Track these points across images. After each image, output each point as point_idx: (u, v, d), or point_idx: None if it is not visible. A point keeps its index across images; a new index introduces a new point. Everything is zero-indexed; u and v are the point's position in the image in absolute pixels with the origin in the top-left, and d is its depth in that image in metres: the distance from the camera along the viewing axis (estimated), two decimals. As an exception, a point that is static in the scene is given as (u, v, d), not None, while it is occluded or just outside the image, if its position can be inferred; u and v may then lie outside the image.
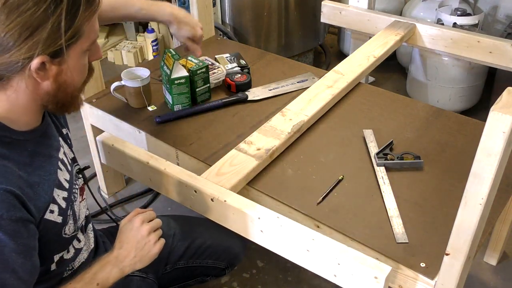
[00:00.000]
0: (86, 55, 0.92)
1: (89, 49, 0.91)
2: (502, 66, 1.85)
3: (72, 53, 0.86)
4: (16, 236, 0.84)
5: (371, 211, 1.23)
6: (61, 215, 0.98)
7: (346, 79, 1.67)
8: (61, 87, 0.89)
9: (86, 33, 0.87)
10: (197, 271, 1.43)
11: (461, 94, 2.52)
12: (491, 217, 1.11)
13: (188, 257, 1.40)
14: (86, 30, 0.86)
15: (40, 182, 0.92)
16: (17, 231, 0.84)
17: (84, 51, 0.89)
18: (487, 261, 1.83)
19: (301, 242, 1.08)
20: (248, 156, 1.34)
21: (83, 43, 0.87)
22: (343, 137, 1.49)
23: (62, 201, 0.98)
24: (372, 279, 1.00)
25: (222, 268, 1.46)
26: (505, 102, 0.78)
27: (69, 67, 0.87)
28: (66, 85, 0.89)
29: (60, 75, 0.87)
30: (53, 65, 0.85)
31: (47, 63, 0.84)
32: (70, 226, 1.02)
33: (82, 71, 0.93)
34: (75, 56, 0.88)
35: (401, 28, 1.96)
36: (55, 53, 0.83)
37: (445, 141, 1.46)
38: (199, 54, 1.55)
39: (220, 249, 1.43)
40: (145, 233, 1.07)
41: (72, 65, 0.88)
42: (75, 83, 0.91)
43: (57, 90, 0.89)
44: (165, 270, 1.38)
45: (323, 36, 3.01)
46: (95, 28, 0.90)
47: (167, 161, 1.31)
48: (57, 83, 0.88)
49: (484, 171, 0.82)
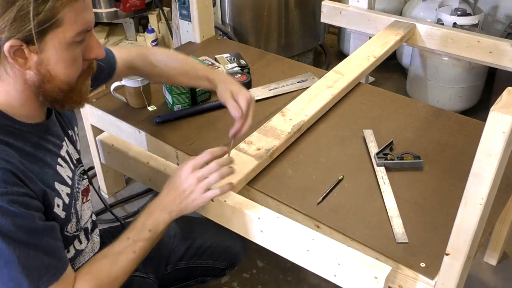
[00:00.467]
0: (76, 48, 0.88)
1: (77, 41, 0.87)
2: (502, 66, 1.85)
3: (51, 41, 0.84)
4: (29, 207, 0.86)
5: (371, 211, 1.23)
6: (65, 211, 0.98)
7: (346, 79, 1.67)
8: (45, 78, 0.87)
9: (67, 22, 0.83)
10: (197, 271, 1.43)
11: (461, 94, 2.52)
12: (491, 217, 1.11)
13: (188, 257, 1.40)
14: (66, 18, 0.82)
15: (40, 172, 0.92)
16: (27, 203, 0.86)
17: (70, 42, 0.85)
18: (487, 261, 1.83)
19: (301, 242, 1.08)
20: (248, 156, 1.34)
21: (65, 33, 0.84)
22: (343, 137, 1.49)
23: (66, 196, 0.99)
24: (372, 279, 1.00)
25: (223, 268, 1.46)
26: (505, 102, 0.78)
27: (50, 58, 0.85)
28: (51, 77, 0.87)
29: (41, 65, 0.85)
30: (32, 53, 0.83)
31: (24, 50, 0.82)
32: (72, 225, 1.03)
33: (71, 65, 0.88)
34: (56, 46, 0.84)
35: (401, 28, 1.96)
36: (27, 39, 0.81)
37: (445, 141, 1.46)
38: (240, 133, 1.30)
39: (221, 249, 1.43)
40: (193, 181, 1.05)
41: (54, 55, 0.85)
42: (61, 76, 0.88)
43: (41, 82, 0.87)
44: (166, 271, 1.38)
45: (323, 36, 3.01)
46: (81, 18, 0.85)
47: (167, 161, 1.31)
48: (41, 74, 0.87)
49: (484, 171, 0.82)
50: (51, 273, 0.90)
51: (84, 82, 0.95)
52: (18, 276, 0.86)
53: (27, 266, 0.86)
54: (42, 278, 0.89)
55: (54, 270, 0.90)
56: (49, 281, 0.89)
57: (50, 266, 0.90)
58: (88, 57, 0.92)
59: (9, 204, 0.82)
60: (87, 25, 0.87)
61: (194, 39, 2.06)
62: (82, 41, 0.88)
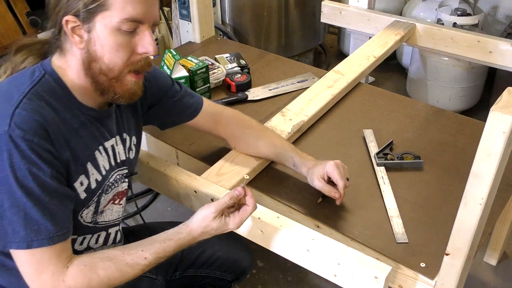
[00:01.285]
0: (122, 36, 0.92)
1: (125, 30, 0.91)
2: (502, 65, 1.85)
3: (98, 23, 0.91)
4: (49, 163, 0.90)
5: (371, 211, 1.23)
6: (86, 193, 1.00)
7: (346, 79, 1.67)
8: (92, 57, 0.93)
9: (115, 7, 0.89)
10: (204, 281, 1.43)
11: (461, 94, 2.52)
12: (491, 217, 1.11)
13: (198, 266, 1.39)
14: (114, 4, 0.89)
15: (75, 146, 0.96)
16: (48, 159, 0.90)
17: (116, 28, 0.91)
18: (487, 261, 1.84)
19: (301, 242, 1.08)
20: (248, 156, 1.34)
21: (112, 16, 0.90)
22: (343, 137, 1.49)
23: (93, 181, 1.02)
24: (372, 278, 1.00)
25: (229, 280, 1.45)
26: (505, 102, 0.78)
27: (97, 38, 0.92)
28: (97, 58, 0.93)
29: (89, 43, 0.92)
30: (85, 32, 0.92)
31: (80, 29, 0.91)
32: (89, 213, 1.03)
33: (115, 50, 0.93)
34: (103, 28, 0.91)
35: (401, 28, 1.96)
36: (80, 16, 0.90)
37: (445, 141, 1.46)
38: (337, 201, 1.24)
39: (229, 262, 1.42)
40: (231, 227, 1.05)
41: (101, 37, 0.91)
42: (105, 59, 0.93)
43: (90, 61, 0.94)
44: (174, 276, 1.37)
45: (323, 36, 3.01)
46: (129, 7, 0.90)
47: (167, 161, 1.31)
48: (89, 53, 0.93)
49: (484, 171, 0.82)
50: (47, 237, 0.90)
51: (131, 76, 0.98)
52: (18, 222, 0.88)
53: (29, 217, 0.88)
54: (38, 236, 0.89)
55: (51, 235, 0.91)
56: (42, 243, 0.90)
57: (48, 230, 0.90)
58: (139, 51, 0.95)
59: (31, 150, 0.87)
60: (137, 16, 0.92)
61: (194, 39, 2.06)
62: (131, 32, 0.93)
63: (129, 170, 1.14)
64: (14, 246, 0.90)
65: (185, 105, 1.28)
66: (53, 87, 0.95)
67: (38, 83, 0.93)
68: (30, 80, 0.94)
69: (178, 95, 1.26)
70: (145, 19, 0.93)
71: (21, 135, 0.86)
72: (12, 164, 0.86)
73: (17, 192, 0.87)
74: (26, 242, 0.89)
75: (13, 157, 0.86)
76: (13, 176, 0.87)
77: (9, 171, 0.86)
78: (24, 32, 3.56)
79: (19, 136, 0.86)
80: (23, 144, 0.86)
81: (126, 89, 0.98)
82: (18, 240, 0.89)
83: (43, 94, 0.93)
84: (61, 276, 0.92)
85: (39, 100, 0.91)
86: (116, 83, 0.96)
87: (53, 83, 0.95)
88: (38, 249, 0.90)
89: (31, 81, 0.93)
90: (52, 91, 0.94)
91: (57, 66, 0.97)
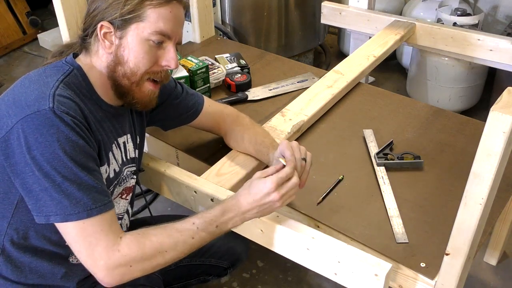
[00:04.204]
0: (151, 47, 1.01)
1: (153, 41, 1.00)
2: (503, 64, 1.84)
3: (131, 31, 0.99)
4: (89, 139, 0.96)
5: (371, 211, 1.23)
6: (106, 181, 1.04)
7: (346, 79, 1.67)
8: (118, 61, 1.01)
9: (149, 20, 0.99)
10: (199, 269, 1.44)
11: (461, 94, 2.52)
12: (491, 217, 1.11)
13: (192, 254, 1.39)
14: (148, 16, 0.98)
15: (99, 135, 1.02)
16: (87, 136, 0.95)
17: (145, 38, 1.00)
18: (487, 261, 1.84)
19: (301, 240, 1.08)
20: (248, 156, 1.34)
21: (145, 28, 0.99)
22: (343, 137, 1.49)
23: (112, 171, 1.07)
24: (372, 276, 1.00)
25: (224, 267, 1.46)
26: (505, 102, 0.78)
27: (127, 45, 1.00)
28: (123, 61, 1.01)
29: (119, 48, 1.00)
30: (116, 38, 1.00)
31: (112, 35, 1.00)
32: None
33: (141, 57, 1.01)
34: (134, 37, 0.99)
35: (401, 27, 1.96)
36: (115, 24, 0.98)
37: (445, 141, 1.46)
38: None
39: (224, 249, 1.43)
40: (276, 198, 1.01)
41: (130, 43, 1.00)
42: (130, 64, 1.01)
43: (115, 64, 1.02)
44: (169, 267, 1.38)
45: (323, 36, 3.01)
46: (161, 22, 0.99)
47: (167, 162, 1.31)
48: (116, 57, 1.01)
49: (484, 171, 0.82)
50: (102, 204, 0.93)
51: (149, 85, 1.06)
52: (72, 194, 0.90)
53: (84, 185, 0.91)
54: (95, 203, 0.92)
55: (105, 202, 0.94)
56: (101, 210, 0.93)
57: (101, 198, 0.94)
58: (162, 63, 1.04)
59: (76, 126, 0.92)
60: (166, 31, 1.01)
61: (194, 39, 2.06)
62: (158, 43, 1.02)
63: (136, 167, 1.19)
64: (74, 218, 0.91)
65: (187, 106, 1.30)
66: (80, 81, 1.02)
67: (69, 76, 1.00)
68: (61, 72, 1.00)
69: (180, 96, 1.29)
70: (172, 36, 1.03)
71: (65, 111, 0.91)
72: (59, 137, 0.90)
73: (67, 163, 0.90)
74: (86, 212, 0.91)
75: (60, 130, 0.90)
76: (62, 149, 0.89)
77: (57, 145, 0.89)
78: (24, 32, 3.56)
79: (64, 112, 0.91)
80: (68, 119, 0.91)
81: (143, 96, 1.06)
82: (77, 212, 0.91)
83: (73, 86, 0.99)
84: (115, 246, 0.93)
85: (71, 90, 0.98)
86: (136, 87, 1.04)
87: (80, 78, 1.02)
88: (91, 220, 0.92)
89: (62, 73, 1.00)
90: (79, 84, 1.01)
91: (82, 63, 1.04)
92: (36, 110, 0.90)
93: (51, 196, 0.90)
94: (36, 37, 3.56)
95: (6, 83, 3.12)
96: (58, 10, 1.48)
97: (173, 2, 1.01)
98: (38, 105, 0.90)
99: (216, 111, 1.35)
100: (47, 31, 3.57)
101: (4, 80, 3.17)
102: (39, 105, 0.90)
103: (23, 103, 0.92)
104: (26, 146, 0.89)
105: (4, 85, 3.10)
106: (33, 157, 0.89)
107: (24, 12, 3.56)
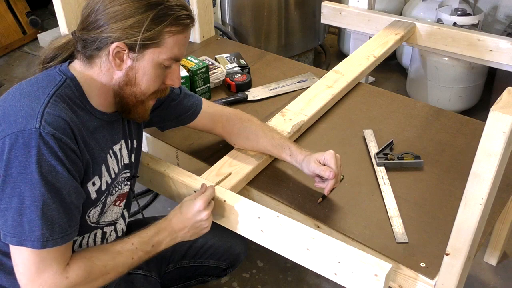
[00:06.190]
0: (162, 70, 1.02)
1: (165, 65, 1.01)
2: (503, 64, 1.84)
3: (147, 56, 0.99)
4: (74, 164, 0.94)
5: (371, 211, 1.23)
6: (97, 194, 1.03)
7: (346, 79, 1.67)
8: (129, 82, 1.01)
9: (166, 46, 0.99)
10: (198, 270, 1.44)
11: (461, 94, 2.52)
12: (491, 217, 1.11)
13: (190, 256, 1.40)
14: (166, 43, 0.98)
15: (93, 148, 1.01)
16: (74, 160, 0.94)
17: (159, 63, 1.00)
18: (487, 261, 1.84)
19: (301, 240, 1.08)
20: (248, 156, 1.34)
21: (161, 53, 0.99)
22: (343, 137, 1.49)
23: (104, 183, 1.06)
24: (372, 276, 1.00)
25: (224, 268, 1.46)
26: (505, 102, 0.78)
27: (141, 68, 1.00)
28: (135, 83, 1.01)
29: (132, 70, 1.00)
30: (129, 59, 0.98)
31: (124, 54, 0.98)
32: (95, 213, 1.06)
33: (152, 80, 1.02)
34: (149, 61, 0.99)
35: (401, 27, 1.96)
36: (131, 46, 0.97)
37: (445, 141, 1.46)
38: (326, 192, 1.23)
39: (222, 249, 1.43)
40: (205, 217, 1.11)
41: (144, 67, 1.00)
42: (142, 86, 1.02)
43: (125, 84, 1.01)
44: (168, 269, 1.38)
45: (323, 36, 3.01)
46: (177, 48, 1.00)
47: (166, 162, 1.31)
48: (127, 77, 1.00)
49: (484, 171, 0.82)
50: (60, 236, 0.93)
51: (151, 100, 1.08)
52: (36, 220, 0.90)
53: (47, 215, 0.90)
54: (53, 235, 0.91)
55: (64, 234, 0.93)
56: (56, 243, 0.92)
57: (62, 228, 0.93)
58: (167, 82, 1.06)
59: (59, 148, 0.90)
60: (179, 56, 1.03)
61: (194, 39, 2.06)
62: (168, 67, 1.03)
63: (131, 173, 1.17)
64: (28, 245, 0.91)
65: (184, 107, 1.30)
66: (74, 91, 1.00)
67: (61, 87, 0.98)
68: (53, 83, 0.98)
69: (178, 98, 1.29)
70: (181, 58, 1.05)
71: (51, 133, 0.90)
72: (39, 160, 0.89)
73: (40, 188, 0.89)
74: (41, 241, 0.90)
75: (41, 153, 0.89)
76: (39, 172, 0.88)
77: (35, 167, 0.88)
78: (24, 32, 3.56)
79: (49, 134, 0.90)
80: (52, 142, 0.90)
81: (145, 110, 1.08)
82: (33, 240, 0.90)
83: (66, 97, 0.98)
84: (64, 273, 0.94)
85: (63, 103, 0.96)
86: (140, 105, 1.06)
87: (74, 88, 1.00)
88: (46, 250, 0.91)
89: (54, 84, 0.98)
90: (72, 95, 0.99)
91: (78, 72, 1.02)
92: (23, 128, 0.89)
93: (13, 217, 0.90)
94: (36, 37, 3.57)
95: (6, 83, 3.12)
96: (58, 10, 1.48)
97: (189, 28, 1.02)
98: (25, 124, 0.90)
99: (216, 112, 1.36)
100: (47, 31, 3.57)
101: (4, 80, 3.17)
102: (26, 123, 0.90)
103: (12, 119, 0.91)
104: (7, 161, 0.89)
105: (4, 85, 3.10)
106: (10, 174, 0.89)
107: (24, 12, 3.56)
